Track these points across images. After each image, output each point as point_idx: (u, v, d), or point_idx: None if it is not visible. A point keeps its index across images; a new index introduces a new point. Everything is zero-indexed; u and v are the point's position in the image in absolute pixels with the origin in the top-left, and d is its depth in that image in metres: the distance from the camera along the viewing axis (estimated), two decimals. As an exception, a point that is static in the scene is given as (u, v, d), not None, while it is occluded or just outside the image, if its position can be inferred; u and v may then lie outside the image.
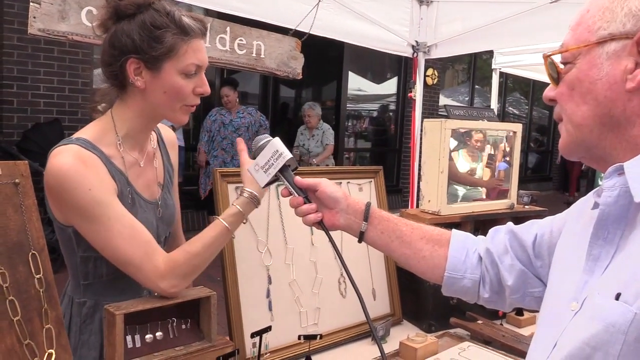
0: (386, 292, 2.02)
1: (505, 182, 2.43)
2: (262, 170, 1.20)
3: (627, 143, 0.77)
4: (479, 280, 1.15)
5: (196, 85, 1.29)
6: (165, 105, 1.28)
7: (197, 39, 1.27)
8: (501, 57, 5.13)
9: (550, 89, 0.86)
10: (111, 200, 1.24)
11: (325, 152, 6.70)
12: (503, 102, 12.48)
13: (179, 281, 1.25)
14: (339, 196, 1.20)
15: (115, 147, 1.30)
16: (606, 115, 0.78)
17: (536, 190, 10.67)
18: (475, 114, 2.28)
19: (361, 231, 1.20)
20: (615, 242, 0.77)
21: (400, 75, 9.92)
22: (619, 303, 0.68)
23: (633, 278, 0.68)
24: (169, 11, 1.25)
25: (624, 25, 0.74)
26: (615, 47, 0.76)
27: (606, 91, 0.76)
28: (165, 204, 1.43)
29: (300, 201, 1.19)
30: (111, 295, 1.31)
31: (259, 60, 2.96)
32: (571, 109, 0.82)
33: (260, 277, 1.66)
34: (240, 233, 1.62)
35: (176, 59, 1.24)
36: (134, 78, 1.24)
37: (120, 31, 1.24)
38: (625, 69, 0.75)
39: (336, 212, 1.20)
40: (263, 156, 1.20)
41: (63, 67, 5.73)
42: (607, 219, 0.78)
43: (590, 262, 0.80)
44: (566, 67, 0.82)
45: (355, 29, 3.60)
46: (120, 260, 1.24)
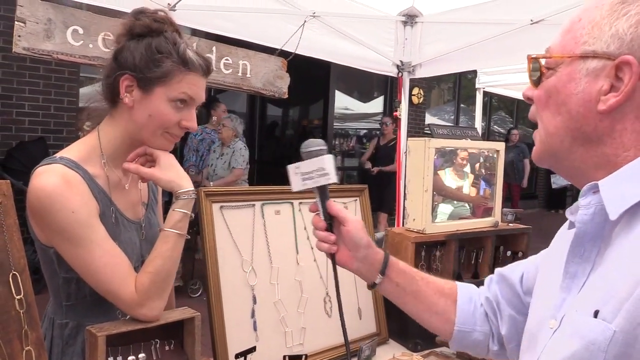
0: (372, 311, 2.02)
1: (491, 200, 2.45)
2: (300, 177, 1.11)
3: (597, 159, 0.78)
4: (489, 333, 1.13)
5: (183, 119, 1.30)
6: (147, 129, 1.28)
7: (197, 74, 1.29)
8: (484, 77, 5.21)
9: (529, 88, 0.87)
10: (94, 223, 1.23)
11: (228, 177, 5.48)
12: (488, 121, 12.62)
13: (154, 303, 1.24)
14: (362, 245, 1.12)
15: (100, 166, 1.30)
16: (577, 130, 0.79)
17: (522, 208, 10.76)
18: (459, 133, 2.30)
19: (374, 282, 1.14)
20: (591, 260, 0.78)
21: (387, 94, 10.01)
22: (598, 321, 0.69)
23: (610, 295, 0.69)
24: (177, 42, 1.28)
25: (608, 46, 0.75)
26: (595, 65, 0.76)
27: (579, 107, 0.78)
28: (149, 224, 1.43)
29: (323, 226, 1.12)
30: (94, 316, 1.29)
31: (245, 79, 2.98)
32: (546, 117, 0.83)
33: (245, 297, 1.65)
34: (225, 253, 1.62)
35: (168, 86, 1.26)
36: (124, 94, 1.26)
37: (127, 47, 1.28)
38: (600, 90, 0.76)
39: (352, 256, 1.14)
40: (308, 165, 1.11)
41: (49, 85, 5.71)
42: (583, 237, 0.79)
43: (568, 279, 0.80)
44: (548, 72, 0.83)
45: (340, 48, 3.65)
46: (98, 285, 1.24)
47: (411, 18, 3.76)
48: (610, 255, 0.74)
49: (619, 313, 0.66)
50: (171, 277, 1.29)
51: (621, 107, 0.74)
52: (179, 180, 1.29)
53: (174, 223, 1.27)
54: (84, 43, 2.49)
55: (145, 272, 1.25)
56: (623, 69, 0.74)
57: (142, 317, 1.24)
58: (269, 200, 1.77)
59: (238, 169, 5.51)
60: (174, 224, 1.27)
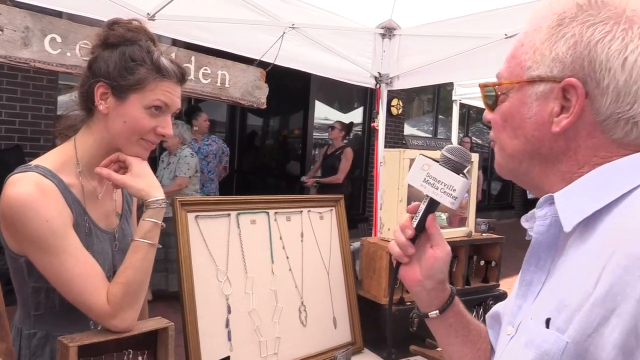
0: (347, 320, 2.04)
1: (466, 210, 2.49)
2: (424, 175, 1.00)
3: (555, 176, 0.81)
4: None
5: (159, 125, 1.31)
6: (122, 136, 1.29)
7: (171, 81, 1.30)
8: (461, 89, 5.30)
9: (487, 112, 0.90)
10: (68, 232, 1.23)
11: (170, 187, 5.09)
12: (466, 132, 12.78)
13: (126, 314, 1.24)
14: (437, 278, 1.03)
15: (75, 176, 1.30)
16: (535, 152, 0.81)
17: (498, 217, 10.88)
18: (434, 144, 2.35)
19: (427, 314, 1.06)
20: (546, 269, 0.81)
21: (366, 105, 10.08)
22: (551, 332, 0.71)
23: (563, 304, 0.71)
24: (151, 50, 1.30)
25: (552, 70, 0.77)
26: (543, 89, 0.78)
27: (534, 131, 0.80)
28: (122, 235, 1.43)
29: (410, 233, 1.02)
30: (63, 327, 1.29)
31: (223, 89, 3.00)
32: (503, 139, 0.86)
33: (220, 307, 1.66)
34: (200, 262, 1.63)
35: (143, 93, 1.27)
36: (99, 101, 1.27)
37: (100, 56, 1.29)
38: (551, 112, 0.78)
39: (420, 281, 1.04)
40: (442, 173, 1.00)
41: (27, 93, 5.64)
42: (539, 247, 0.81)
43: (524, 287, 0.83)
44: (501, 96, 0.85)
45: (319, 60, 3.68)
46: (70, 295, 1.23)
47: (389, 31, 3.81)
48: (563, 265, 0.77)
49: (571, 324, 0.68)
50: (143, 287, 1.29)
51: (573, 127, 0.76)
52: (149, 189, 1.29)
53: (144, 233, 1.27)
54: (61, 51, 2.49)
55: (117, 283, 1.25)
56: (570, 91, 0.76)
57: (114, 327, 1.24)
58: (245, 210, 1.78)
59: (180, 178, 5.26)
60: (144, 233, 1.27)
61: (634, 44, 0.73)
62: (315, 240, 1.98)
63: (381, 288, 2.04)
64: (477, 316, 2.23)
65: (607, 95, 0.74)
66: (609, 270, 0.66)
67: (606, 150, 0.76)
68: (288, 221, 1.90)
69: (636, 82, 0.73)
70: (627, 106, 0.73)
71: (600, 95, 0.74)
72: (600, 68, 0.73)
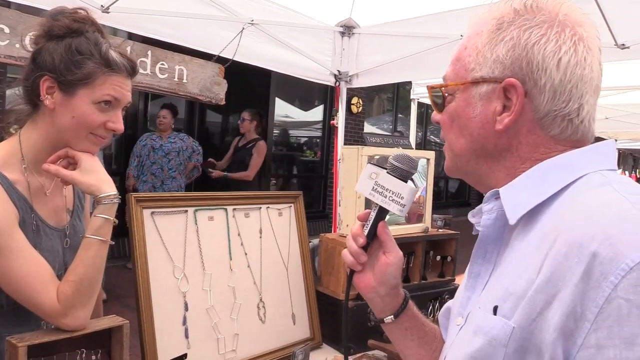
0: (306, 316, 2.04)
1: (423, 206, 2.53)
2: (372, 184, 1.01)
3: (500, 172, 0.85)
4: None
5: (109, 120, 1.27)
6: (71, 131, 1.25)
7: (120, 75, 1.27)
8: (419, 88, 5.38)
9: (435, 113, 0.94)
10: (14, 231, 1.19)
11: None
12: (424, 131, 13.00)
13: (78, 312, 1.21)
14: (390, 284, 1.05)
15: (21, 172, 1.26)
16: (480, 149, 0.86)
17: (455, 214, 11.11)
18: (392, 142, 2.37)
19: (382, 319, 1.08)
20: (492, 261, 0.85)
21: (327, 103, 10.13)
22: (499, 318, 0.74)
23: (508, 292, 0.75)
24: (99, 42, 1.25)
25: (493, 71, 0.81)
26: (486, 89, 0.83)
27: (479, 129, 0.84)
28: (74, 231, 1.39)
29: (362, 242, 1.03)
30: (12, 327, 1.24)
31: (181, 84, 2.95)
32: (451, 139, 0.90)
33: (177, 304, 1.64)
34: (156, 259, 1.60)
35: (91, 88, 1.23)
36: (45, 96, 1.23)
37: (45, 49, 1.24)
38: (495, 111, 0.82)
39: (373, 288, 1.05)
40: (389, 181, 1.01)
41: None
42: (486, 240, 0.86)
43: (472, 279, 0.88)
44: (448, 97, 0.89)
45: (279, 56, 3.67)
46: (19, 295, 1.19)
47: (349, 29, 3.84)
48: (508, 256, 0.81)
49: (517, 310, 0.72)
50: (96, 284, 1.26)
51: (515, 124, 0.81)
52: (100, 184, 1.26)
53: (95, 229, 1.24)
54: (10, 42, 2.40)
55: (68, 281, 1.21)
56: (510, 90, 0.80)
57: (65, 326, 1.21)
58: (203, 207, 1.76)
59: None
60: (95, 230, 1.24)
61: (567, 45, 0.78)
62: (274, 237, 1.98)
63: (340, 284, 2.06)
64: (433, 310, 2.27)
65: (545, 94, 0.79)
66: (550, 258, 0.70)
67: (545, 146, 0.81)
68: (247, 217, 1.90)
69: (570, 81, 0.78)
70: (562, 104, 0.79)
71: (538, 93, 0.79)
72: (537, 68, 0.78)
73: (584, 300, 0.64)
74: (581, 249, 0.66)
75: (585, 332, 0.64)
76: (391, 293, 1.06)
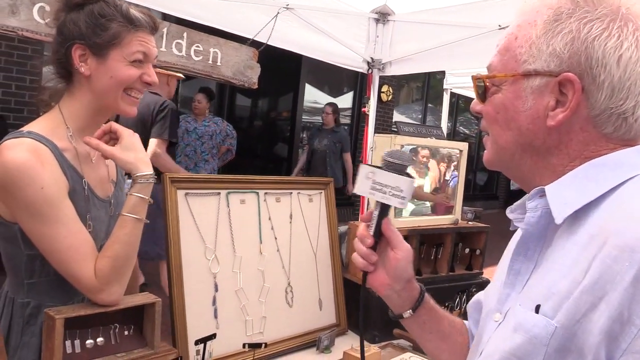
0: (332, 302, 2.05)
1: (452, 198, 2.51)
2: (370, 183, 1.01)
3: (546, 169, 0.83)
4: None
5: (144, 73, 1.31)
6: (110, 92, 1.28)
7: (144, 31, 1.30)
8: (452, 78, 5.30)
9: (476, 102, 0.91)
10: (62, 201, 1.21)
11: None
12: (454, 122, 12.84)
13: (114, 288, 1.23)
14: (404, 278, 1.04)
15: (67, 140, 1.28)
16: (528, 144, 0.83)
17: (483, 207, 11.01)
18: (424, 132, 2.35)
19: (401, 314, 1.07)
20: (534, 259, 0.83)
21: (356, 90, 10.06)
22: (541, 317, 0.73)
23: (551, 292, 0.74)
24: (118, 4, 1.28)
25: (549, 65, 0.78)
26: (539, 83, 0.79)
27: (529, 124, 0.81)
28: (117, 203, 1.41)
29: (370, 243, 1.02)
30: (57, 297, 1.28)
31: (215, 67, 2.96)
32: (496, 131, 0.87)
33: (207, 285, 1.66)
34: (188, 240, 1.63)
35: (121, 47, 1.26)
36: (79, 64, 1.26)
37: (69, 20, 1.27)
38: (547, 106, 0.79)
39: (388, 285, 1.04)
40: (387, 177, 1.00)
41: (10, 62, 5.52)
42: (529, 238, 0.84)
43: (512, 276, 0.86)
44: (493, 88, 0.86)
45: (312, 42, 3.65)
46: (59, 266, 1.22)
47: (383, 16, 3.80)
48: (551, 255, 0.79)
49: (560, 310, 0.71)
50: (130, 261, 1.28)
51: (567, 121, 0.78)
52: (138, 163, 1.28)
53: (131, 207, 1.26)
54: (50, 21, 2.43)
55: (104, 257, 1.24)
56: (566, 85, 0.77)
57: (101, 301, 1.23)
58: (235, 190, 1.78)
59: None
60: (131, 208, 1.26)
61: (629, 41, 0.75)
62: (304, 222, 1.98)
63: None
64: (460, 302, 2.26)
65: (603, 91, 0.76)
66: (598, 260, 0.68)
67: (596, 144, 0.79)
68: (277, 202, 1.90)
69: (629, 79, 0.75)
70: (620, 101, 0.76)
71: (595, 90, 0.76)
72: (596, 64, 0.75)
73: (632, 305, 0.63)
74: (633, 253, 0.64)
75: (631, 337, 0.63)
76: (407, 287, 1.05)
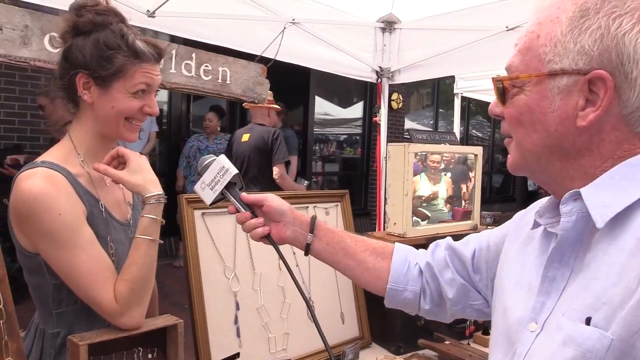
0: (354, 315, 2.03)
1: (469, 203, 2.48)
2: (208, 188, 1.19)
3: (575, 171, 0.79)
4: (419, 293, 1.19)
5: (145, 105, 1.32)
6: (112, 120, 1.30)
7: (149, 62, 1.31)
8: (462, 82, 5.27)
9: (496, 104, 0.87)
10: (81, 226, 1.22)
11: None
12: (466, 125, 12.77)
13: (134, 311, 1.23)
14: (285, 209, 1.21)
15: (80, 166, 1.30)
16: (556, 146, 0.79)
17: (500, 210, 10.89)
18: (438, 138, 2.34)
19: (307, 243, 1.21)
20: (570, 265, 0.79)
21: (366, 100, 10.06)
22: (593, 328, 0.69)
23: (601, 302, 0.70)
24: (124, 34, 1.28)
25: (577, 63, 0.75)
26: (566, 82, 0.76)
27: (557, 125, 0.78)
28: (136, 225, 1.42)
29: (248, 216, 1.19)
30: (84, 324, 1.28)
31: (224, 86, 2.98)
32: (521, 134, 0.83)
33: (228, 304, 1.65)
34: (207, 259, 1.62)
35: (125, 79, 1.28)
36: (82, 92, 1.27)
37: (75, 45, 1.27)
38: (576, 105, 0.75)
39: (283, 225, 1.21)
40: (209, 174, 1.19)
41: (25, 92, 5.62)
42: (564, 243, 0.79)
43: (547, 283, 0.81)
44: (514, 89, 0.83)
45: (320, 54, 3.67)
46: (80, 291, 1.22)
47: (390, 25, 3.80)
48: (593, 261, 0.75)
49: (614, 321, 0.67)
50: (149, 283, 1.28)
51: (599, 120, 0.75)
52: (146, 184, 1.28)
53: (143, 229, 1.27)
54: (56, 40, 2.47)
55: (122, 280, 1.24)
56: (597, 84, 0.74)
57: (122, 325, 1.23)
58: (251, 207, 1.77)
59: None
60: (143, 230, 1.27)
61: None
62: (322, 236, 1.97)
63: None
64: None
65: (636, 88, 0.73)
66: None
67: (629, 143, 0.76)
68: (294, 217, 1.90)
69: None
70: None
71: (628, 88, 0.73)
72: (628, 60, 0.72)
73: None
74: None
75: None
76: (296, 217, 1.21)
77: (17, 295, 1.31)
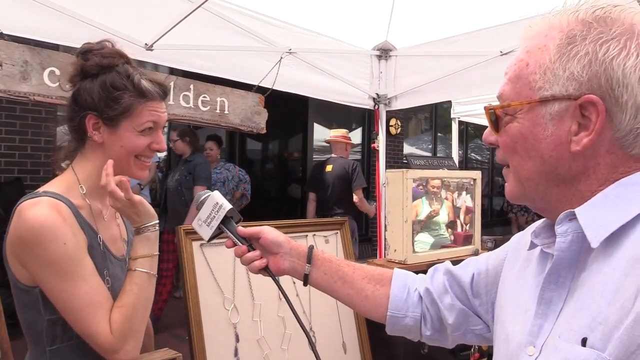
0: (357, 344, 2.01)
1: (470, 227, 2.48)
2: (205, 224, 1.22)
3: (573, 196, 0.79)
4: (420, 319, 1.18)
5: (152, 142, 1.35)
6: (122, 159, 1.32)
7: (155, 100, 1.34)
8: (459, 107, 5.31)
9: (490, 133, 0.88)
10: (83, 257, 1.22)
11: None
12: (465, 149, 12.81)
13: (129, 344, 1.21)
14: (282, 240, 1.22)
15: (82, 198, 1.30)
16: (552, 172, 0.79)
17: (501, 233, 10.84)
18: (436, 163, 2.34)
19: (305, 274, 1.22)
20: (566, 286, 0.78)
21: (365, 126, 10.12)
22: (590, 350, 0.68)
23: (596, 321, 0.69)
24: (130, 74, 1.32)
25: (567, 89, 0.76)
26: (558, 108, 0.77)
27: (552, 151, 0.78)
28: None
29: (244, 249, 1.20)
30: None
31: (222, 116, 3.01)
32: (517, 162, 0.84)
33: (228, 335, 1.64)
34: (206, 291, 1.61)
35: (132, 118, 1.31)
36: (92, 132, 1.30)
37: (83, 88, 1.31)
38: (569, 130, 0.76)
39: (280, 257, 1.21)
40: (205, 210, 1.22)
41: (25, 125, 5.66)
42: (560, 264, 0.79)
43: (543, 306, 0.80)
44: (506, 118, 0.83)
45: (317, 83, 3.70)
46: (77, 323, 1.21)
47: (385, 52, 3.85)
48: (588, 281, 0.74)
49: (611, 342, 0.66)
50: (143, 315, 1.27)
51: (593, 145, 0.75)
52: (140, 215, 1.29)
53: (141, 264, 1.27)
54: (60, 84, 2.50)
55: (115, 308, 1.23)
56: (588, 108, 0.74)
57: None
58: (250, 236, 1.77)
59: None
60: (141, 264, 1.27)
61: None
62: (322, 264, 1.96)
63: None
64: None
65: (627, 111, 0.73)
66: None
67: (625, 165, 0.76)
68: (293, 246, 1.89)
69: None
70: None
71: (620, 111, 0.74)
72: (617, 85, 0.73)
73: None
74: None
75: None
76: (293, 248, 1.22)
77: (15, 331, 1.29)
